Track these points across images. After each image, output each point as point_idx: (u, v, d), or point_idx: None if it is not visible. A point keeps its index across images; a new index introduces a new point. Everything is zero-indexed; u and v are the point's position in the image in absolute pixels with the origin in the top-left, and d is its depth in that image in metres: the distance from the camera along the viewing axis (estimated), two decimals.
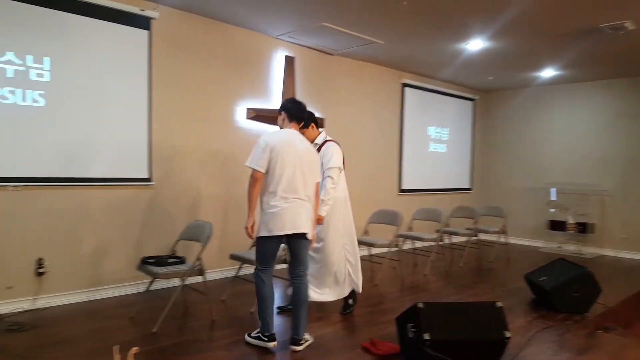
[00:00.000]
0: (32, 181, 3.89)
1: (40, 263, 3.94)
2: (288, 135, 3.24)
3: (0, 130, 3.71)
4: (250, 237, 3.26)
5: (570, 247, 7.39)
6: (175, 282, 3.96)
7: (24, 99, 3.82)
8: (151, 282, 3.91)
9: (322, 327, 3.64)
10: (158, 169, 4.63)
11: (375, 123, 6.87)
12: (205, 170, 5.01)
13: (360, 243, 5.25)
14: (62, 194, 4.06)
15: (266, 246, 3.18)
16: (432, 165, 7.88)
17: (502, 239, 6.77)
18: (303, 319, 3.25)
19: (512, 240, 7.68)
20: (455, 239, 6.90)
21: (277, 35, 5.43)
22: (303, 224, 3.17)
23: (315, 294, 3.90)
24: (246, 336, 3.31)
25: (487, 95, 8.79)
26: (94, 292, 4.25)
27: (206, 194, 5.02)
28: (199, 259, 3.68)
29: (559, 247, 7.53)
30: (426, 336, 2.88)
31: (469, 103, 8.55)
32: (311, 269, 3.76)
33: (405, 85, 7.26)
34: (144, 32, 4.48)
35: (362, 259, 5.71)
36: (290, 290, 3.58)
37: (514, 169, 8.42)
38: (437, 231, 6.00)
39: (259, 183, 3.13)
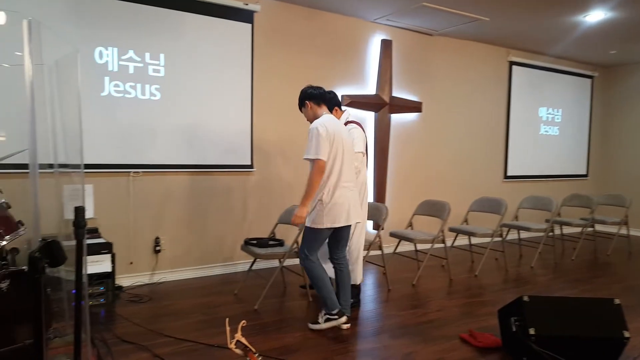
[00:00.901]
0: (150, 168, 4.26)
1: (157, 242, 4.34)
2: (335, 123, 3.20)
3: (124, 122, 4.12)
4: (297, 224, 3.21)
5: None
6: (275, 263, 4.15)
7: (143, 93, 4.19)
8: (253, 262, 4.12)
9: (419, 316, 3.59)
10: (258, 156, 4.84)
11: (478, 105, 6.54)
12: (301, 157, 5.12)
13: (460, 232, 5.10)
14: (176, 179, 4.42)
15: (322, 235, 3.21)
16: (542, 149, 7.32)
17: (623, 231, 6.13)
18: (350, 295, 3.39)
19: (636, 232, 6.92)
20: (568, 230, 6.39)
21: (374, 19, 5.37)
22: (361, 212, 3.36)
23: None
24: (310, 325, 3.26)
25: (608, 71, 7.94)
26: (202, 270, 4.59)
27: (303, 180, 5.14)
28: (296, 242, 3.81)
29: None
30: (531, 331, 2.73)
31: (587, 81, 7.79)
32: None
33: (512, 63, 6.80)
34: (247, 26, 4.67)
35: (461, 248, 5.56)
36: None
37: (639, 154, 7.54)
38: (547, 221, 5.59)
39: (323, 173, 3.11)
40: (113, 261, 3.74)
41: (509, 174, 6.93)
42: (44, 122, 3.08)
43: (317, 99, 3.27)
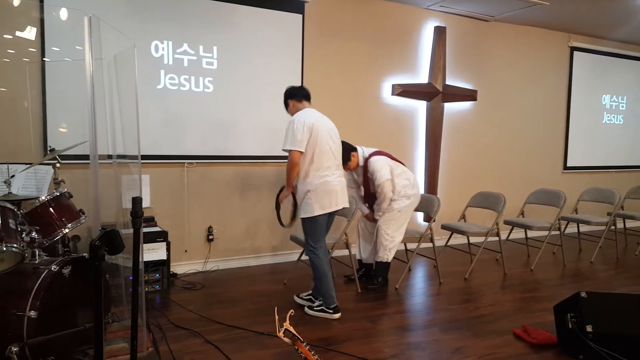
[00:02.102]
0: (203, 159, 4.37)
1: (210, 231, 4.46)
2: (316, 114, 3.35)
3: (179, 114, 4.23)
4: (279, 202, 3.50)
5: None
6: None
7: (197, 86, 4.29)
8: (302, 253, 4.16)
9: (471, 311, 3.51)
10: None
11: (536, 93, 6.26)
12: None
13: (515, 225, 4.93)
14: (228, 170, 4.51)
15: (318, 223, 3.31)
16: (605, 139, 6.93)
17: None
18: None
19: None
20: (631, 224, 6.02)
21: (428, 6, 5.23)
22: (347, 198, 3.43)
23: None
24: (306, 309, 3.39)
25: None
26: (253, 259, 4.68)
27: None
28: (345, 233, 3.80)
29: None
30: (588, 328, 2.62)
31: None
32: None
33: (574, 49, 6.45)
34: (298, 16, 4.67)
35: (517, 241, 5.37)
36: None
37: None
38: (609, 214, 5.29)
39: (298, 165, 3.23)
40: (168, 249, 3.88)
41: (569, 164, 6.61)
42: (103, 115, 3.22)
43: (298, 95, 3.47)
